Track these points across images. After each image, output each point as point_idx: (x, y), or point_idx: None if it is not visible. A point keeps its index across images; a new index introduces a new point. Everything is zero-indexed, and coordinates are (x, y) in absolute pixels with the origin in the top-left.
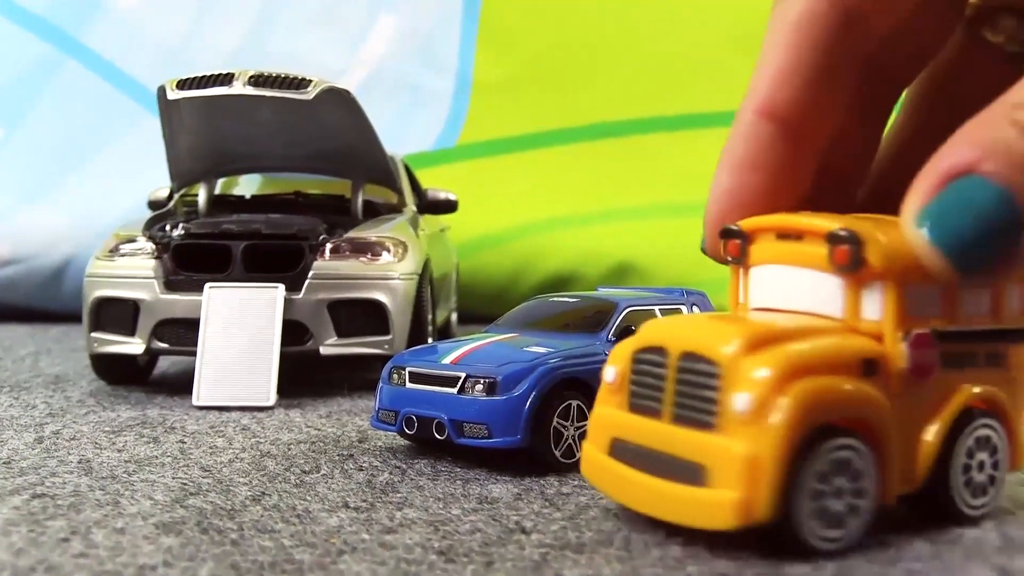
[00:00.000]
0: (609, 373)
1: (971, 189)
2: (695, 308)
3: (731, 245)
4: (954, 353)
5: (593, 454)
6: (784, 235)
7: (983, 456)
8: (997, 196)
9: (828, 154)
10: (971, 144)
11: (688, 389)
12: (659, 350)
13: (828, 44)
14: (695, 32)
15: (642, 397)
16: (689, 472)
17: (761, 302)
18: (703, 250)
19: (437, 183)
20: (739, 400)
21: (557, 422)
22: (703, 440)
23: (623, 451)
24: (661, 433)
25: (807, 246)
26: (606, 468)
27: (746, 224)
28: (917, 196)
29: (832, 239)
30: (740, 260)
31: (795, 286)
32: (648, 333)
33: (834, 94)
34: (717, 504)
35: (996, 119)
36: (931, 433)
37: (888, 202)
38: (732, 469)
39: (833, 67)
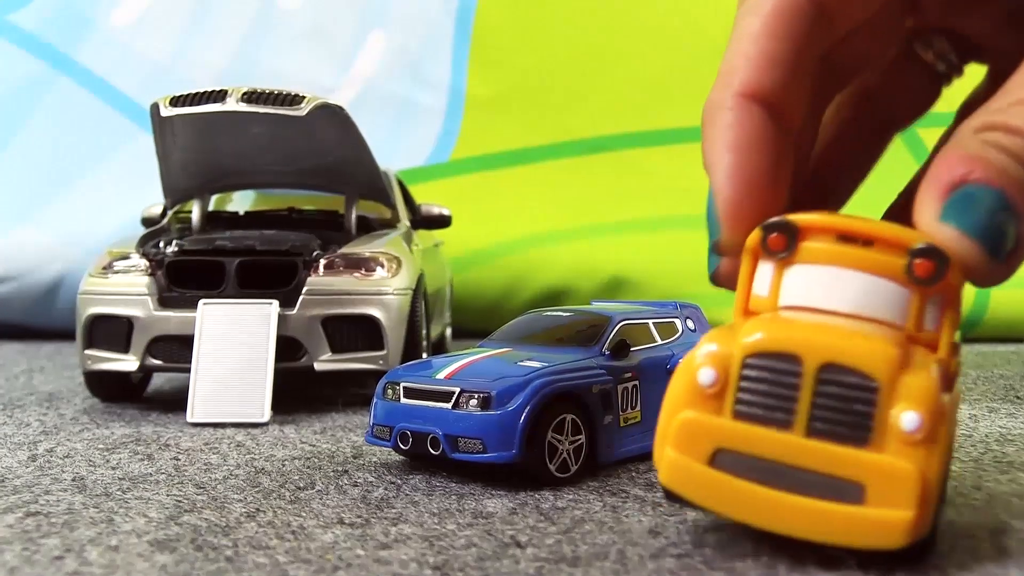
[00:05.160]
0: (707, 375)
1: (971, 192)
2: (689, 321)
3: (774, 239)
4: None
5: (685, 464)
6: (848, 238)
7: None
8: (992, 193)
9: None
10: (960, 160)
11: (833, 403)
12: (790, 357)
13: (802, 35)
14: (684, 48)
15: (760, 406)
16: (838, 489)
17: (802, 301)
18: (715, 245)
19: (431, 198)
20: (909, 419)
21: (552, 436)
22: (857, 457)
23: (734, 463)
24: (793, 446)
25: (877, 253)
26: (709, 480)
27: (800, 220)
28: (930, 205)
29: (917, 252)
30: (783, 255)
31: (854, 290)
32: (765, 337)
33: (805, 85)
34: (885, 524)
35: (972, 139)
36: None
37: (816, 195)
38: (903, 489)
39: (805, 58)
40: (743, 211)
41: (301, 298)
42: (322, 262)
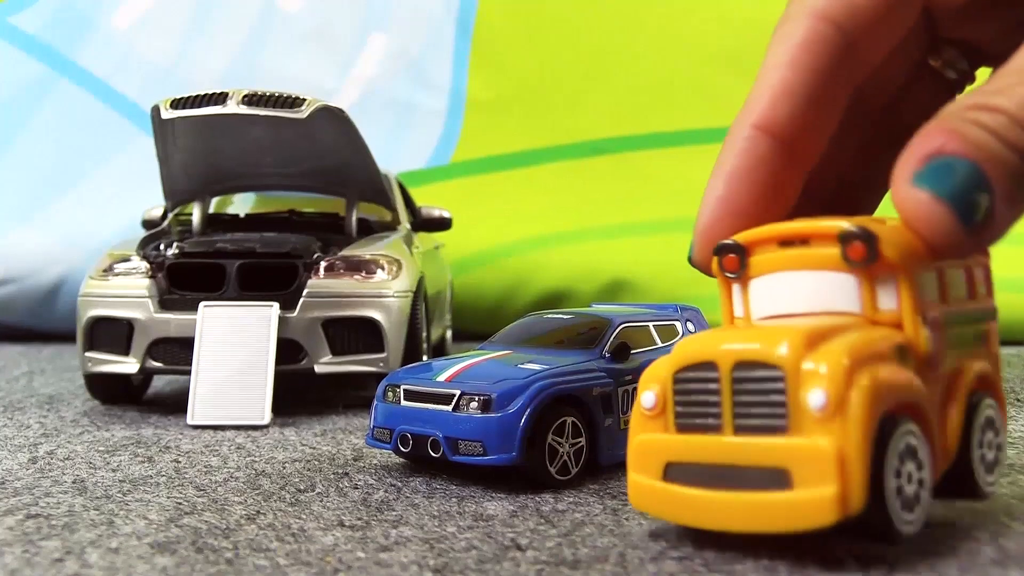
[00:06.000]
0: (647, 399)
1: (947, 162)
2: (689, 324)
3: (728, 260)
4: (954, 335)
5: (644, 483)
6: (787, 242)
7: (991, 435)
8: (967, 165)
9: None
10: (939, 133)
11: (749, 398)
12: (707, 365)
13: (829, 67)
14: (685, 50)
15: (693, 416)
16: (768, 478)
17: (768, 311)
18: (690, 260)
19: (431, 200)
20: (814, 397)
21: (552, 439)
22: (777, 444)
23: (682, 473)
24: (725, 447)
25: (815, 249)
26: (665, 494)
27: (743, 237)
28: (906, 169)
29: (845, 238)
30: (738, 274)
31: (805, 290)
32: (686, 351)
33: (829, 116)
34: (812, 503)
35: (954, 116)
36: (954, 413)
37: (843, 210)
38: (821, 466)
39: (830, 89)
40: (715, 236)
41: (302, 300)
42: (322, 264)
